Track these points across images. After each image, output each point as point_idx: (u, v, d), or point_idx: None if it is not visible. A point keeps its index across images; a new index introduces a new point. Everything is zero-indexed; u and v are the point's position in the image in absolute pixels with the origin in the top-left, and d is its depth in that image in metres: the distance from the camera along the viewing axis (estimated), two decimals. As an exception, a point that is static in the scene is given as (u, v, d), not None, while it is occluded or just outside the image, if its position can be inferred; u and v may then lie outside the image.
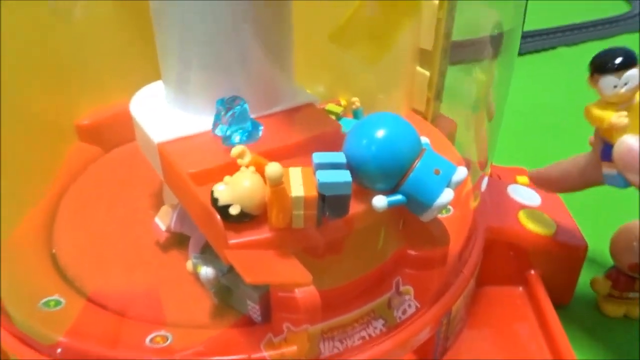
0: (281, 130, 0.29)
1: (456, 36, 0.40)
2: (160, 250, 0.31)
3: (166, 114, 0.30)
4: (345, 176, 0.23)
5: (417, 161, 0.24)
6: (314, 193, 0.23)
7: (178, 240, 0.31)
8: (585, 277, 0.37)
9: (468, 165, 0.36)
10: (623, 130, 0.27)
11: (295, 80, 0.32)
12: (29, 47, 0.35)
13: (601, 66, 0.27)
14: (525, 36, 0.87)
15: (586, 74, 0.29)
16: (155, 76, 0.31)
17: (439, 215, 0.33)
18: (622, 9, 1.04)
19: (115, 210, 0.34)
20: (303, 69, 0.37)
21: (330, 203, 0.23)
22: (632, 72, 0.26)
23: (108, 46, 0.40)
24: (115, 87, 0.38)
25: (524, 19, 0.32)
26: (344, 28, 0.29)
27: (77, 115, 0.40)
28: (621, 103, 0.27)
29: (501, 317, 0.34)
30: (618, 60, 0.26)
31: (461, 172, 0.24)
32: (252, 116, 0.28)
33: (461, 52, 0.40)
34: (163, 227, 0.31)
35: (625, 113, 0.27)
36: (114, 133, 0.40)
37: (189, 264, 0.29)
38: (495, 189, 0.38)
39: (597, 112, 0.28)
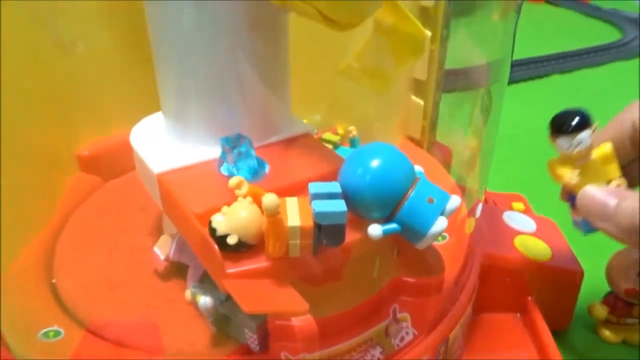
0: (278, 161, 0.29)
1: (449, 65, 0.41)
2: (159, 279, 0.31)
3: (165, 144, 0.30)
4: (340, 206, 0.23)
5: (411, 190, 0.25)
6: (310, 223, 0.23)
7: (177, 270, 0.32)
8: (583, 303, 0.38)
9: (463, 191, 0.36)
10: (578, 185, 0.29)
11: (291, 110, 0.33)
12: (31, 79, 0.36)
13: (557, 128, 0.29)
14: (520, 64, 0.89)
15: (579, 101, 0.30)
16: (156, 107, 0.32)
17: (435, 243, 0.34)
18: (614, 36, 1.06)
19: (115, 240, 0.34)
20: (301, 98, 0.37)
21: (326, 232, 0.23)
22: (584, 135, 0.28)
23: (109, 78, 0.41)
24: (116, 119, 0.39)
25: (513, 49, 0.33)
26: (352, 62, 0.30)
27: (78, 146, 0.41)
28: (577, 160, 0.29)
29: (499, 344, 0.34)
30: (572, 123, 0.28)
31: (454, 201, 0.25)
32: (250, 146, 0.29)
33: (454, 81, 0.41)
34: (162, 257, 0.31)
35: (577, 172, 0.29)
36: (114, 163, 0.40)
37: (188, 293, 0.29)
38: (490, 215, 0.38)
39: (556, 168, 0.30)
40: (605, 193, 0.28)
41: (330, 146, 0.44)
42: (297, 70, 0.37)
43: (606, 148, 0.29)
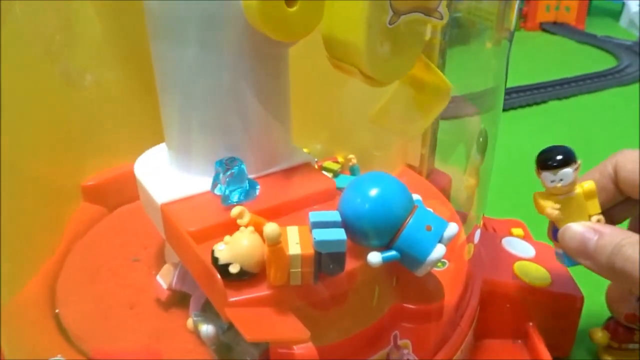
0: (278, 189, 0.30)
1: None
2: (162, 308, 0.32)
3: (169, 175, 0.31)
4: (340, 234, 0.24)
5: (409, 218, 0.25)
6: (310, 251, 0.23)
7: (179, 299, 0.32)
8: (584, 328, 0.38)
9: (462, 218, 0.37)
10: (560, 219, 0.31)
11: (292, 140, 0.33)
12: (37, 111, 0.37)
13: (541, 163, 0.30)
14: (518, 91, 0.90)
15: (576, 126, 0.31)
16: (160, 139, 0.33)
17: (436, 269, 0.34)
18: (609, 63, 1.08)
19: (118, 269, 0.35)
20: (301, 127, 0.38)
21: (326, 260, 0.24)
22: (567, 171, 0.29)
23: (115, 110, 0.42)
24: (121, 150, 0.39)
25: (507, 76, 0.34)
26: (383, 110, 0.31)
27: (83, 177, 0.42)
28: (560, 195, 0.30)
29: (501, 370, 0.34)
30: (556, 159, 0.29)
31: (452, 228, 0.25)
32: (251, 176, 0.30)
33: (451, 108, 0.42)
34: (165, 286, 0.32)
35: (558, 206, 0.30)
36: (118, 193, 0.41)
37: (190, 322, 0.29)
38: (490, 241, 0.39)
39: (539, 201, 0.31)
40: (585, 230, 0.29)
41: (330, 175, 0.45)
42: (298, 100, 0.38)
43: (589, 184, 0.30)
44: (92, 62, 0.41)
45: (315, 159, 0.47)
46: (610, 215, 0.32)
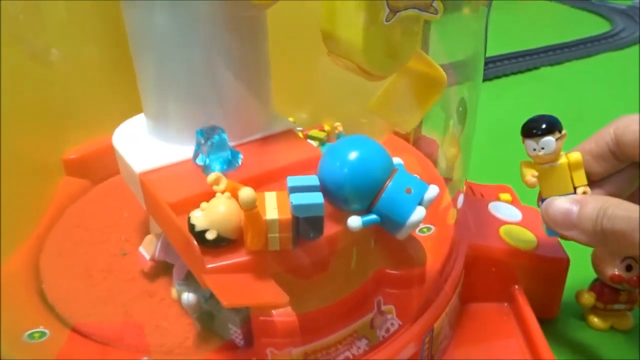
0: (260, 158, 0.29)
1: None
2: (146, 279, 0.32)
3: (147, 144, 0.30)
4: (317, 198, 0.23)
5: (388, 181, 0.25)
6: (288, 215, 0.23)
7: (164, 269, 0.32)
8: (570, 291, 0.38)
9: (448, 183, 0.37)
10: (544, 188, 0.31)
11: (273, 108, 0.33)
12: (15, 86, 0.36)
13: (524, 131, 0.30)
14: (509, 57, 0.89)
15: (568, 92, 0.31)
16: (141, 110, 0.32)
17: (421, 234, 0.34)
18: (604, 28, 1.06)
19: (102, 242, 0.34)
20: (286, 96, 0.38)
21: (304, 225, 0.23)
22: (548, 139, 0.29)
23: (94, 83, 0.41)
24: (102, 122, 0.39)
25: (486, 45, 0.33)
26: (380, 99, 0.32)
27: (64, 150, 0.41)
28: (543, 163, 0.30)
29: (487, 333, 0.34)
30: (539, 127, 0.29)
31: (432, 190, 0.25)
32: (232, 144, 0.29)
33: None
34: (147, 256, 0.31)
35: (536, 174, 0.30)
36: (102, 166, 0.40)
37: (174, 291, 0.29)
38: (476, 206, 0.38)
39: (522, 169, 0.31)
40: (568, 202, 0.29)
41: (316, 143, 0.44)
42: (283, 68, 0.38)
43: (576, 155, 0.30)
44: (70, 33, 0.40)
45: (301, 128, 0.46)
46: (610, 184, 0.32)
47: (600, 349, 0.36)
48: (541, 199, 0.31)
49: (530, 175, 0.31)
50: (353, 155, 0.25)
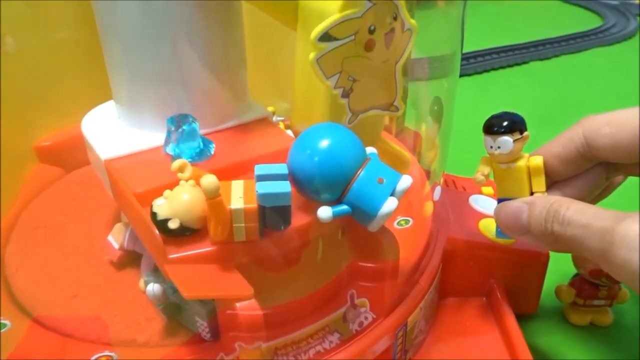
0: (233, 147, 0.29)
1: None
2: (115, 269, 0.31)
3: (116, 131, 0.30)
4: (284, 187, 0.22)
5: (360, 170, 0.24)
6: (253, 205, 0.22)
7: (133, 259, 0.31)
8: (550, 286, 0.37)
9: (428, 175, 0.36)
10: (500, 190, 0.30)
11: (248, 95, 0.32)
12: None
13: (484, 126, 0.29)
14: (499, 51, 0.89)
15: (558, 88, 0.30)
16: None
17: (399, 227, 0.34)
18: (595, 23, 1.06)
19: (71, 231, 0.33)
20: (267, 85, 0.37)
21: (270, 215, 0.23)
22: (505, 139, 0.28)
23: (66, 69, 0.40)
24: (79, 109, 0.38)
25: (462, 43, 0.33)
26: None
27: (37, 138, 0.40)
28: (500, 163, 0.29)
29: (464, 328, 0.33)
30: (498, 125, 0.28)
31: (405, 181, 0.24)
32: (203, 132, 0.28)
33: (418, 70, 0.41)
34: (116, 245, 0.31)
35: (486, 172, 0.30)
36: (76, 154, 0.39)
37: (142, 282, 0.28)
38: (457, 199, 0.38)
39: (480, 164, 0.30)
40: (517, 204, 0.28)
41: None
42: (264, 57, 0.37)
43: (538, 160, 0.29)
44: (41, 20, 0.39)
45: (283, 118, 0.46)
46: (576, 184, 0.30)
47: (579, 344, 0.36)
48: (497, 199, 0.30)
49: (480, 173, 0.30)
50: (324, 144, 0.24)
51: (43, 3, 0.39)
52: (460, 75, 0.85)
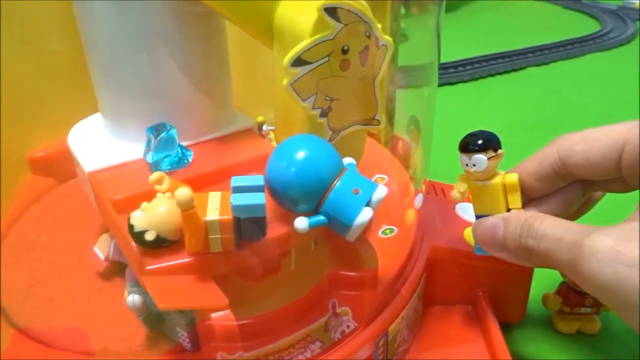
0: (213, 156, 0.29)
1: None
2: (100, 280, 0.31)
3: (101, 144, 0.30)
4: (259, 198, 0.23)
5: (336, 181, 0.24)
6: (229, 216, 0.23)
7: (119, 269, 0.31)
8: (537, 294, 0.37)
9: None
10: (475, 207, 0.30)
11: (232, 106, 0.32)
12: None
13: (460, 144, 0.29)
14: (496, 57, 0.89)
15: (555, 92, 0.30)
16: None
17: (383, 236, 0.34)
18: (593, 28, 1.06)
19: (59, 242, 0.34)
20: (255, 95, 0.37)
21: (246, 226, 0.23)
22: (479, 157, 0.29)
23: (61, 80, 0.41)
24: (71, 120, 0.38)
25: (439, 55, 0.33)
26: None
27: (29, 149, 0.41)
28: (476, 180, 0.30)
29: (449, 338, 0.33)
30: (474, 143, 0.29)
31: (380, 191, 0.25)
32: (187, 143, 0.29)
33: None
34: (102, 256, 0.31)
35: (462, 189, 0.30)
36: (68, 165, 0.40)
37: (126, 293, 0.29)
38: (443, 207, 0.38)
39: (457, 181, 0.31)
40: (492, 220, 0.28)
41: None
42: (252, 66, 0.37)
43: (513, 178, 0.29)
44: (37, 30, 0.40)
45: (273, 127, 0.46)
46: (552, 202, 0.31)
47: (567, 352, 0.36)
48: (475, 216, 0.30)
49: (457, 190, 0.30)
50: (300, 155, 0.24)
51: (38, 15, 0.40)
52: (458, 82, 0.85)
